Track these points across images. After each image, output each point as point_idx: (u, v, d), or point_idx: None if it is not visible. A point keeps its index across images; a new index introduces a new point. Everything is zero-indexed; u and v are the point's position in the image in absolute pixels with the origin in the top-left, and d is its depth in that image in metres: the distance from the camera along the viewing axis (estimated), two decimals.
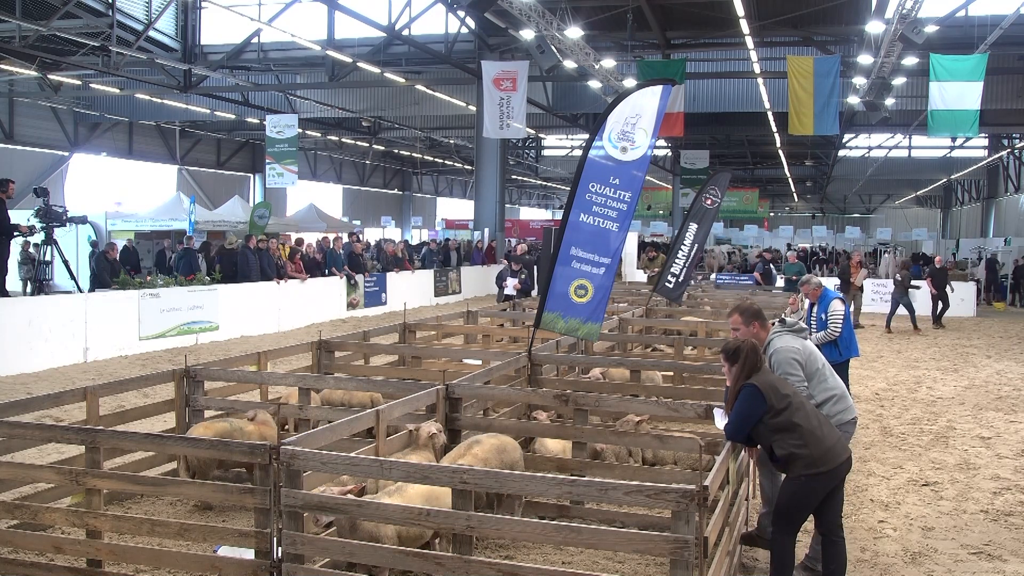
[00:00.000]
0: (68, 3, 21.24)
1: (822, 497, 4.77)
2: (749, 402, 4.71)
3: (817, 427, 4.72)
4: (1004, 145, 39.13)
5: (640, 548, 4.14)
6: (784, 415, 4.67)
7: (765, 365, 4.97)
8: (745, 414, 4.74)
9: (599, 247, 7.78)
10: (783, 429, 4.67)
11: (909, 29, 16.59)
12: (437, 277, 24.25)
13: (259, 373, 7.86)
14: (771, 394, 4.68)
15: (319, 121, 34.09)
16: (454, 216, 52.33)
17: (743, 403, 4.75)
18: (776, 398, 4.68)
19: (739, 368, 4.86)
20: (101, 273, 15.49)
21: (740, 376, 4.84)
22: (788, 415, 4.67)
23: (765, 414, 4.67)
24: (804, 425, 4.66)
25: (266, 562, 4.54)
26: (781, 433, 4.67)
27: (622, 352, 10.63)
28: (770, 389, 4.71)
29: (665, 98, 7.72)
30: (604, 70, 21.35)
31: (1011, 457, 8.40)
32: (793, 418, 4.66)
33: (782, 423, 4.67)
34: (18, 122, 30.47)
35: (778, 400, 4.68)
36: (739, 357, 4.87)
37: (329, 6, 22.78)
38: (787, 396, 4.72)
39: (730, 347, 4.95)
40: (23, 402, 6.11)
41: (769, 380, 4.80)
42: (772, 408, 4.66)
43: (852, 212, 67.45)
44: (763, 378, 4.79)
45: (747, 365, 4.84)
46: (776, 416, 4.67)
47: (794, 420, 4.66)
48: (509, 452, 5.72)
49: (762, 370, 4.88)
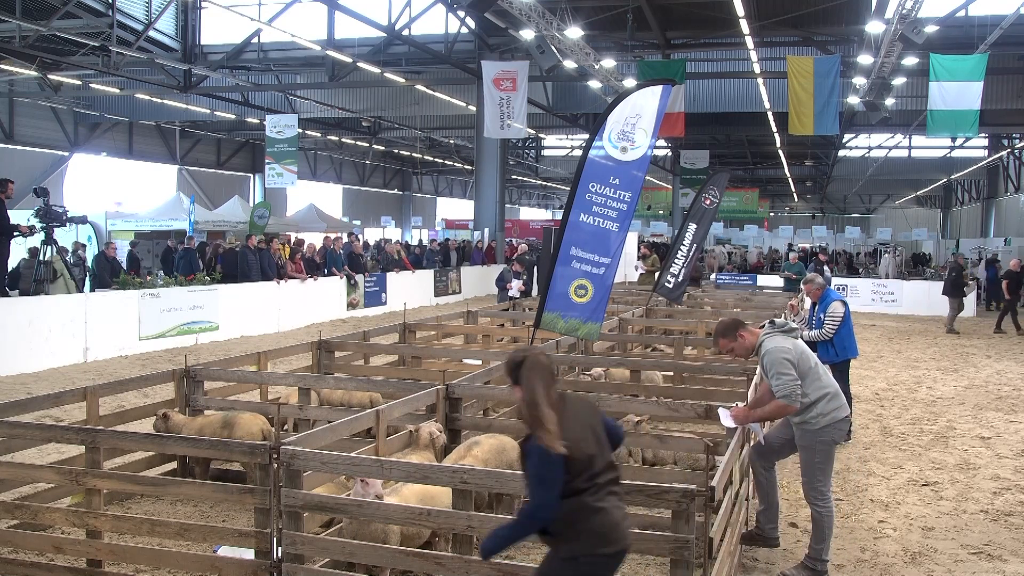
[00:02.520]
0: (68, 3, 21.25)
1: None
2: (545, 466, 3.32)
3: (605, 497, 3.46)
4: (1004, 145, 39.14)
5: (640, 548, 4.14)
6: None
7: (573, 399, 3.69)
8: (545, 478, 3.33)
9: (599, 247, 7.79)
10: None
11: (909, 29, 16.59)
12: (437, 277, 24.25)
13: (259, 373, 7.86)
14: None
15: (319, 121, 34.09)
16: (454, 216, 52.33)
17: (536, 467, 3.34)
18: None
19: (528, 393, 3.43)
20: (101, 273, 15.48)
21: (528, 404, 3.43)
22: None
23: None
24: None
25: (266, 562, 4.54)
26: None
27: (622, 352, 10.63)
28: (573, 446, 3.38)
29: (665, 98, 7.73)
30: (604, 70, 21.35)
31: (1011, 457, 8.40)
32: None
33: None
34: (18, 122, 30.47)
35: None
36: (518, 373, 3.48)
37: (329, 6, 22.79)
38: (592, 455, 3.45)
39: (512, 360, 3.57)
40: (23, 402, 6.11)
41: (571, 431, 3.39)
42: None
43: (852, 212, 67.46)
44: (568, 430, 3.38)
45: (531, 385, 3.43)
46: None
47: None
48: (508, 452, 5.71)
49: (565, 405, 3.49)
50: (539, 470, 3.32)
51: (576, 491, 3.37)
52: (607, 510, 3.40)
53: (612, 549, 3.40)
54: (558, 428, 3.32)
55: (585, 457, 3.39)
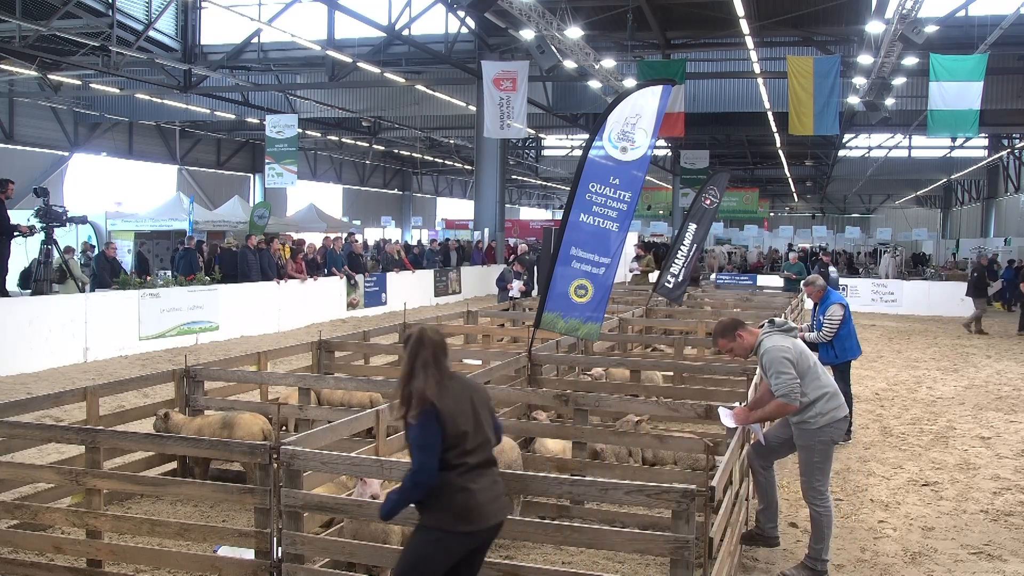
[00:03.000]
0: (68, 3, 21.25)
1: (455, 560, 3.68)
2: (425, 433, 3.57)
3: (475, 478, 3.66)
4: (1004, 145, 39.13)
5: (641, 548, 4.14)
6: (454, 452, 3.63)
7: (464, 380, 3.83)
8: (424, 445, 3.57)
9: (599, 247, 7.79)
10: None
11: (909, 29, 16.59)
12: (437, 277, 24.25)
13: (259, 373, 7.86)
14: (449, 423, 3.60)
15: (319, 121, 34.09)
16: (454, 216, 52.33)
17: (416, 434, 3.60)
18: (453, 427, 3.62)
19: (406, 365, 3.67)
20: (101, 273, 15.48)
21: (406, 379, 3.65)
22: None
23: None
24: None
25: (266, 562, 4.54)
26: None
27: (622, 352, 10.63)
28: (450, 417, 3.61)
29: (665, 98, 7.72)
30: (604, 70, 21.35)
31: (1011, 457, 8.40)
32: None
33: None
34: (18, 122, 30.47)
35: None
36: (407, 347, 3.69)
37: (329, 6, 22.78)
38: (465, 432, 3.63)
39: (405, 335, 3.81)
40: (23, 402, 6.11)
41: (452, 403, 3.62)
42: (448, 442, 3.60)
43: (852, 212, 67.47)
44: (447, 403, 3.61)
45: (417, 360, 3.64)
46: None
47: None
48: (507, 453, 5.72)
49: (452, 381, 3.70)
50: (418, 437, 3.55)
51: (445, 466, 3.57)
52: (471, 491, 3.59)
53: (469, 528, 3.60)
54: (431, 399, 3.55)
55: (459, 432, 3.58)
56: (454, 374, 3.79)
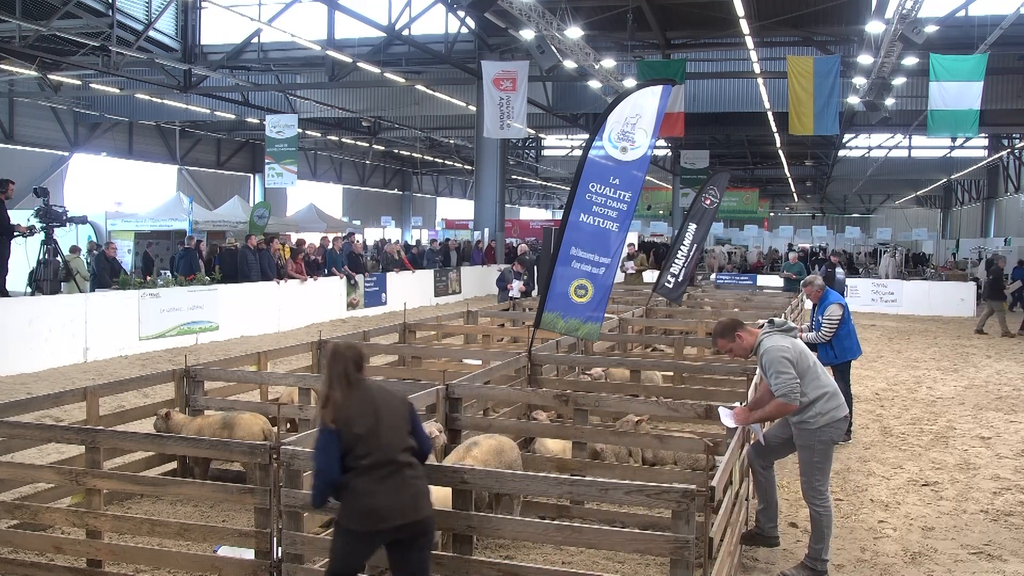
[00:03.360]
0: (68, 3, 21.25)
1: (363, 555, 3.98)
2: (322, 438, 3.91)
3: (377, 481, 3.88)
4: (1004, 145, 39.14)
5: (641, 548, 4.15)
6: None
7: (375, 389, 4.08)
8: (321, 448, 3.91)
9: (599, 247, 7.79)
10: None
11: (909, 29, 16.59)
12: (437, 277, 24.25)
13: (259, 373, 7.86)
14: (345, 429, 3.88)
15: (319, 121, 34.10)
16: (454, 216, 52.33)
17: (317, 438, 3.96)
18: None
19: (325, 376, 4.01)
20: (101, 273, 15.49)
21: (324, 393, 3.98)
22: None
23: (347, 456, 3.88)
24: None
25: (266, 562, 4.54)
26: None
27: (622, 352, 10.63)
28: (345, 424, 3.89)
29: (665, 98, 7.73)
30: (604, 70, 21.35)
31: (1011, 457, 8.40)
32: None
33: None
34: (18, 122, 30.48)
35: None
36: (327, 361, 4.02)
37: (329, 6, 22.78)
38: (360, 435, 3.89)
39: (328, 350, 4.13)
40: (23, 402, 6.11)
41: (347, 411, 3.91)
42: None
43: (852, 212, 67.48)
44: (343, 411, 3.90)
45: (326, 372, 4.00)
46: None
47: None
48: (507, 453, 5.72)
49: (358, 390, 3.97)
50: (318, 441, 3.93)
51: (346, 468, 3.88)
52: (368, 493, 3.85)
53: (365, 528, 3.86)
54: (334, 408, 3.89)
55: (352, 436, 3.86)
56: (370, 384, 4.07)
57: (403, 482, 3.92)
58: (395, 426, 3.99)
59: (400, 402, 4.11)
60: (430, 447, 4.24)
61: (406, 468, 3.96)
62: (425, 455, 4.15)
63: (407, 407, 4.11)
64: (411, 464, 4.00)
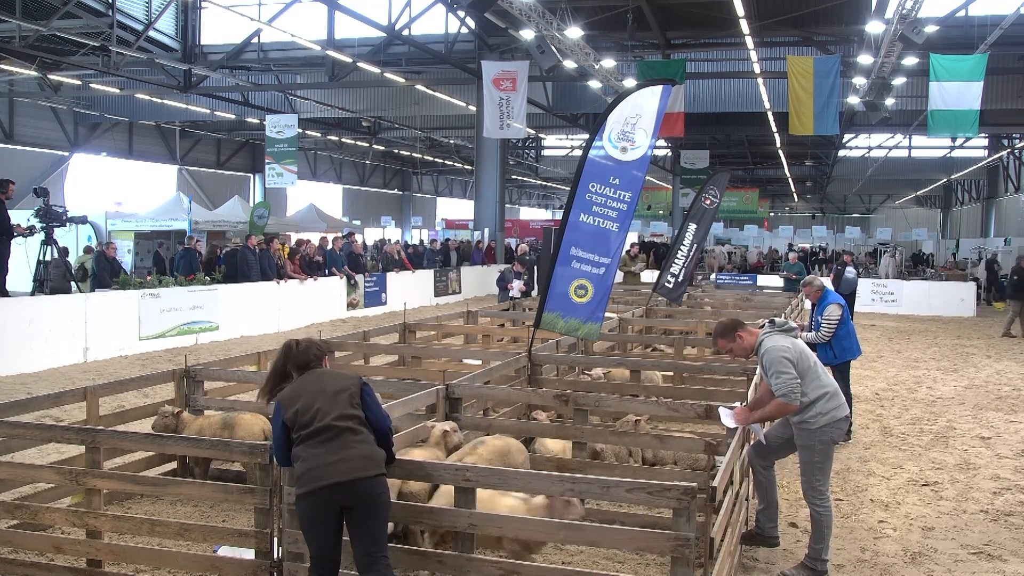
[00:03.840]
0: (68, 3, 21.24)
1: (318, 524, 4.09)
2: (274, 419, 4.31)
3: (315, 444, 4.11)
4: (1004, 145, 39.13)
5: (642, 546, 4.15)
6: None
7: (319, 373, 4.36)
8: (273, 427, 4.31)
9: (599, 247, 7.79)
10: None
11: (909, 29, 16.59)
12: (437, 277, 24.25)
13: (259, 373, 7.85)
14: (286, 404, 4.21)
15: (319, 121, 34.09)
16: (454, 216, 52.32)
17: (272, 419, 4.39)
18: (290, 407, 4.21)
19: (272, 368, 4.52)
20: (101, 273, 15.49)
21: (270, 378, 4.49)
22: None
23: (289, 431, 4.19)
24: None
25: (266, 562, 4.54)
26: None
27: (622, 352, 10.63)
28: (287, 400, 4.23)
29: (665, 98, 7.72)
30: (604, 70, 21.35)
31: (1011, 457, 8.40)
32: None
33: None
34: (18, 122, 30.47)
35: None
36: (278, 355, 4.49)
37: (329, 6, 22.78)
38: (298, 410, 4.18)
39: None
40: (23, 402, 6.11)
41: (291, 391, 4.26)
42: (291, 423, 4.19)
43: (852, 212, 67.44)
44: (286, 394, 4.26)
45: (276, 365, 4.47)
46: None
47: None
48: (513, 456, 5.72)
49: (306, 376, 4.33)
50: (272, 423, 4.36)
51: (294, 442, 4.16)
52: (304, 458, 4.08)
53: (305, 489, 4.04)
54: (272, 392, 4.36)
55: (292, 412, 4.15)
56: (319, 370, 4.38)
57: (342, 444, 4.09)
58: (336, 398, 4.19)
59: (347, 379, 4.34)
60: (387, 423, 4.36)
61: (347, 432, 4.11)
62: (382, 430, 4.28)
63: (354, 383, 4.31)
64: (352, 429, 4.14)
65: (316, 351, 4.43)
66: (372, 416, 4.28)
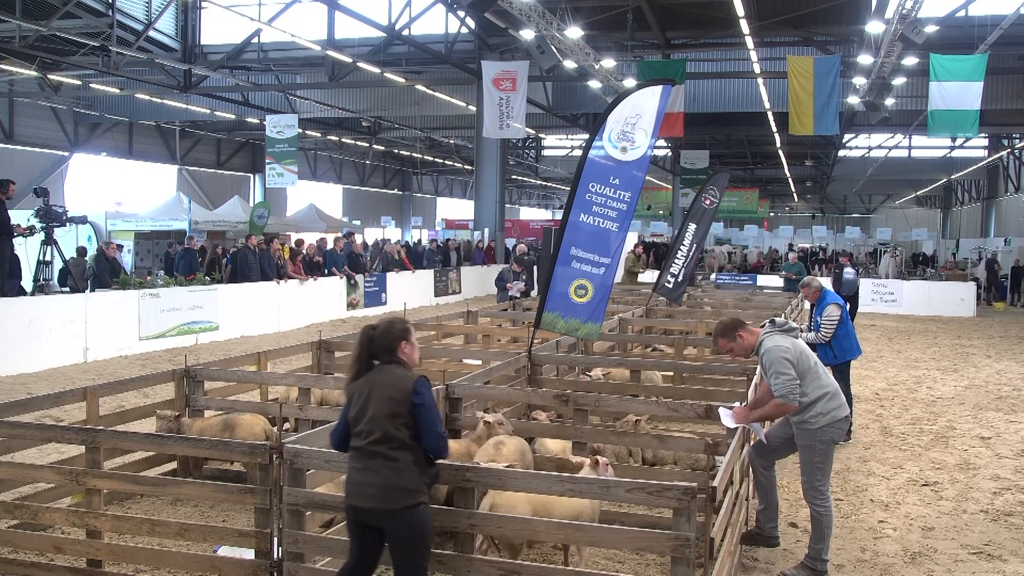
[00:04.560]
0: (68, 3, 21.24)
1: (350, 531, 4.13)
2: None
3: (353, 458, 4.14)
4: (1004, 145, 39.12)
5: (642, 546, 4.15)
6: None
7: (378, 372, 4.16)
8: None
9: (599, 247, 7.79)
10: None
11: (909, 29, 16.58)
12: (437, 277, 24.25)
13: (259, 373, 7.86)
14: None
15: (319, 121, 34.09)
16: (454, 216, 52.30)
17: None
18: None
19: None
20: (101, 273, 15.49)
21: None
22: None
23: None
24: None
25: (266, 562, 4.54)
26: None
27: (622, 352, 10.63)
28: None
29: (665, 98, 7.72)
30: (604, 70, 21.35)
31: (1011, 457, 8.40)
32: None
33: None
34: (18, 122, 30.46)
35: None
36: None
37: (329, 6, 22.78)
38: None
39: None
40: (23, 402, 6.11)
41: (355, 390, 4.20)
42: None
43: (852, 212, 67.42)
44: (350, 389, 4.23)
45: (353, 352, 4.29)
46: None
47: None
48: (527, 454, 5.86)
49: (370, 373, 4.20)
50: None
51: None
52: (349, 468, 4.12)
53: (347, 502, 4.08)
54: (345, 384, 4.25)
55: (350, 416, 4.12)
56: (382, 369, 4.15)
57: (373, 469, 4.01)
58: (378, 415, 4.01)
59: (401, 391, 4.04)
60: (437, 444, 4.08)
61: (379, 457, 4.00)
62: (429, 451, 4.07)
63: (406, 395, 4.02)
64: (386, 456, 3.99)
65: (397, 334, 4.16)
66: (422, 437, 4.05)
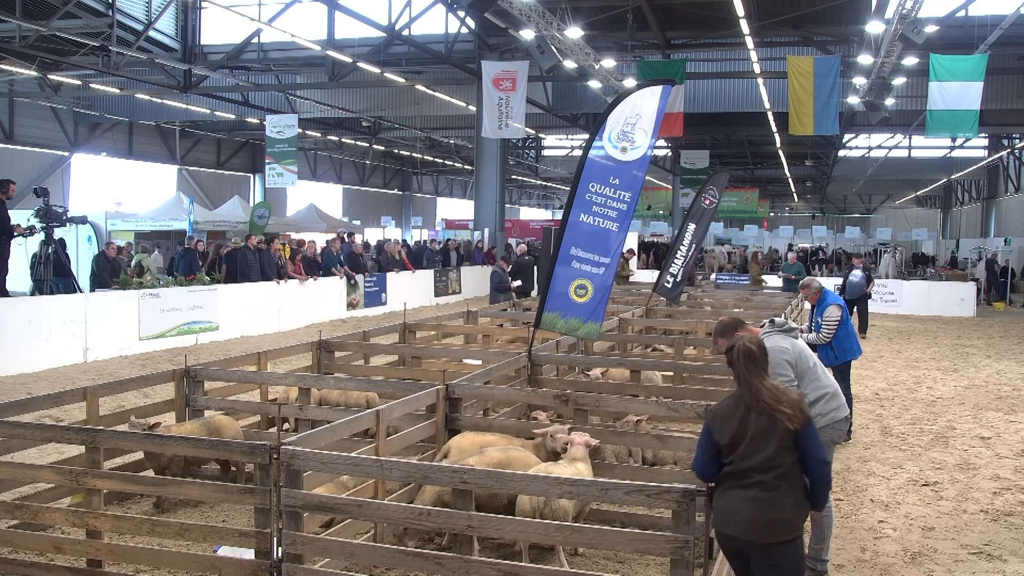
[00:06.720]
0: (68, 3, 21.23)
1: (733, 563, 4.04)
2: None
3: (728, 488, 3.99)
4: (1004, 145, 39.12)
5: (641, 548, 4.15)
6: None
7: (755, 383, 3.96)
8: (699, 443, 4.18)
9: (599, 247, 7.79)
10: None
11: (909, 29, 16.58)
12: (437, 277, 24.25)
13: (259, 373, 7.86)
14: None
15: (319, 121, 34.08)
16: (454, 216, 52.30)
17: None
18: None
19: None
20: (101, 273, 15.49)
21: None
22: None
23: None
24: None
25: (266, 562, 4.54)
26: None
27: (622, 352, 10.63)
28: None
29: (665, 98, 7.72)
30: (604, 70, 21.34)
31: (1011, 457, 8.40)
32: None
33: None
34: (18, 122, 30.45)
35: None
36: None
37: (329, 6, 22.78)
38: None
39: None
40: (23, 402, 6.11)
41: (715, 417, 4.10)
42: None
43: (852, 212, 67.44)
44: (717, 414, 4.09)
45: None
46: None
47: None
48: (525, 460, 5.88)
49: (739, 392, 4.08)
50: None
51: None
52: (720, 497, 3.91)
53: (718, 528, 3.92)
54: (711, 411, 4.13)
55: (722, 443, 3.89)
56: (754, 385, 3.90)
57: (755, 498, 3.74)
58: (768, 438, 3.76)
59: (782, 411, 3.77)
60: (820, 473, 3.85)
61: (758, 487, 3.75)
62: (815, 478, 3.84)
63: (794, 417, 3.76)
64: (765, 484, 3.74)
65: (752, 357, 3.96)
66: (805, 462, 3.82)
